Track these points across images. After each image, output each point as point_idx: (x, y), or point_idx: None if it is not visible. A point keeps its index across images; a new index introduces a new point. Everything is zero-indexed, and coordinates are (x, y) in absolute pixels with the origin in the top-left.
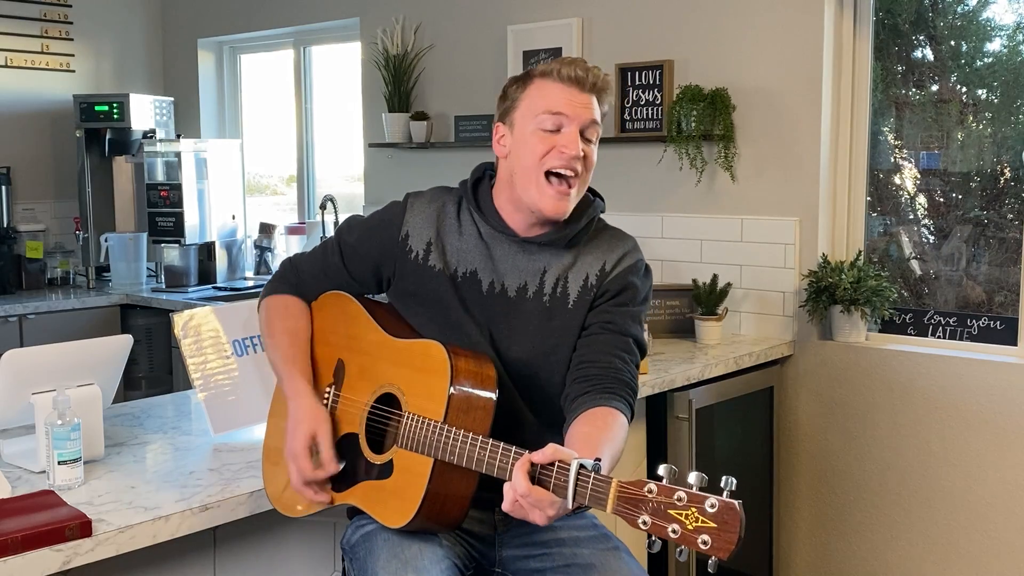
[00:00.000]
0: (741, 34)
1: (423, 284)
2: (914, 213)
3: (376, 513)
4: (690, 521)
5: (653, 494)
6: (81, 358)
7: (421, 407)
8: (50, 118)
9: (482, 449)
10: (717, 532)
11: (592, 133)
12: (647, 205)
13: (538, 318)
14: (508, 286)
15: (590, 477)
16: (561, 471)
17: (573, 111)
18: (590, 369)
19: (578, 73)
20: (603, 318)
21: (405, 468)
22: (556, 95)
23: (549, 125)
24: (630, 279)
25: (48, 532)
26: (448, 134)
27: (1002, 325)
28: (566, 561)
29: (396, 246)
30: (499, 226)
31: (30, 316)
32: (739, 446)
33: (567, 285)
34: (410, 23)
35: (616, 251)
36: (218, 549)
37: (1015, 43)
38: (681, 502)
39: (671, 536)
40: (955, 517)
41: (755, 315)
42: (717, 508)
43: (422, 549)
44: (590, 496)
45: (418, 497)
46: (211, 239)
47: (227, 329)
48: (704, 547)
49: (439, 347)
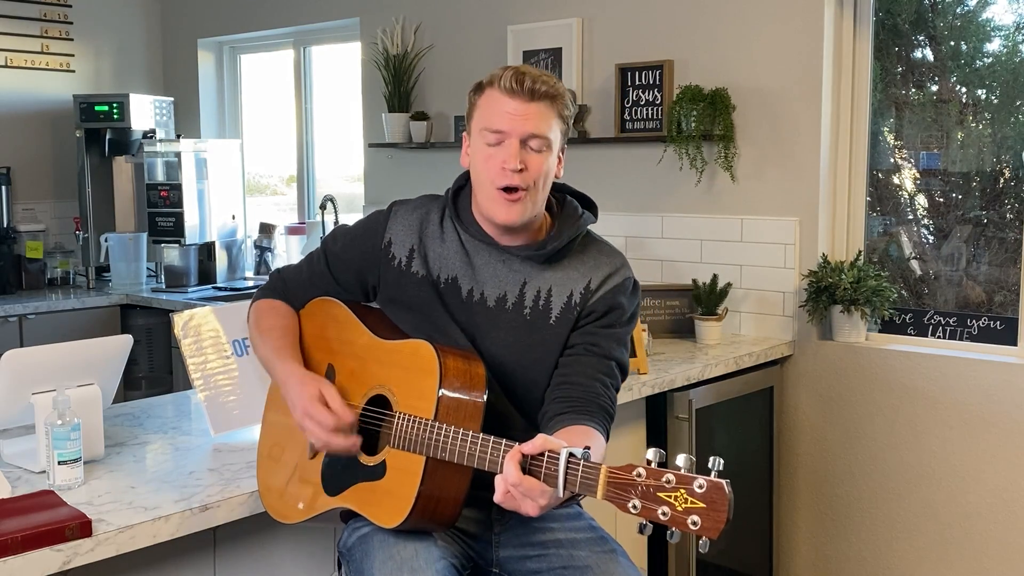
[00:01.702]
0: (741, 34)
1: (406, 290)
2: (914, 213)
3: (370, 514)
4: (679, 503)
5: (642, 478)
6: (81, 358)
7: (412, 406)
8: (50, 118)
9: (472, 444)
10: (706, 512)
11: (537, 143)
12: (647, 205)
13: (519, 330)
14: (487, 295)
15: (579, 464)
16: (551, 460)
17: (511, 125)
18: (571, 391)
19: (515, 85)
20: (588, 339)
21: (398, 468)
22: (498, 108)
23: (492, 140)
24: (618, 299)
25: (48, 532)
26: (448, 134)
27: (1002, 325)
28: (563, 563)
29: (379, 253)
30: (478, 234)
31: (30, 316)
32: (739, 446)
33: (550, 300)
34: (410, 23)
35: (602, 269)
36: (218, 549)
37: (1015, 43)
38: (670, 484)
39: (661, 518)
40: (955, 517)
41: (755, 315)
42: (705, 488)
43: (418, 549)
44: (580, 483)
45: (411, 496)
46: (211, 239)
47: (227, 329)
48: (694, 527)
49: (428, 346)
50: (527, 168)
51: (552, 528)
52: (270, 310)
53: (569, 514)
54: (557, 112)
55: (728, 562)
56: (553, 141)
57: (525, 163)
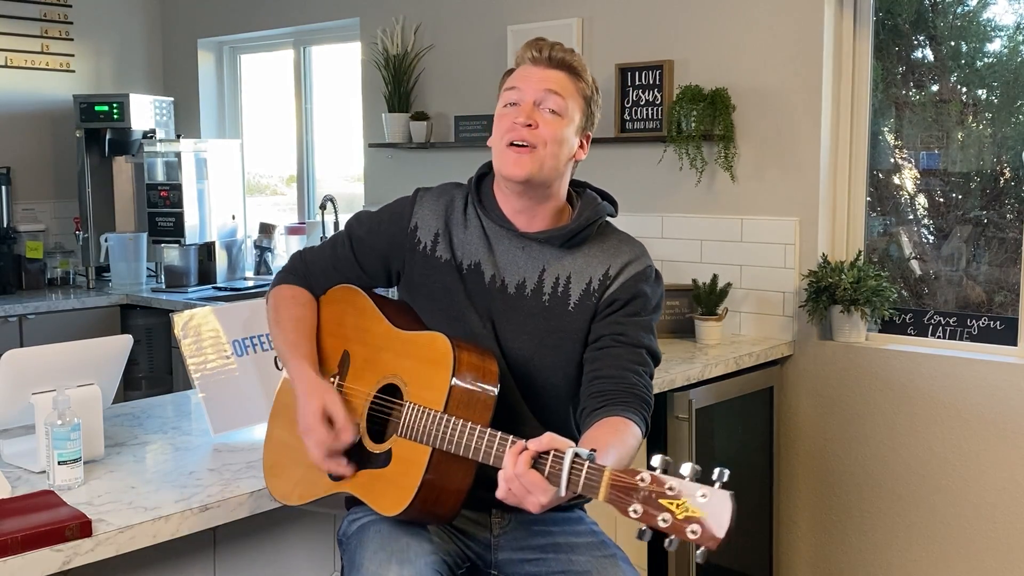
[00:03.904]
0: (741, 34)
1: (430, 275)
2: (914, 213)
3: (372, 501)
4: (680, 511)
5: (645, 483)
6: (81, 358)
7: (422, 397)
8: (50, 118)
9: (479, 438)
10: (707, 522)
11: (552, 103)
12: (647, 205)
13: (537, 317)
14: (508, 282)
15: (584, 465)
16: (556, 459)
17: (526, 84)
18: (605, 384)
19: (535, 52)
20: (615, 330)
21: (403, 457)
22: (517, 74)
23: (511, 98)
24: (640, 287)
25: (48, 532)
26: (448, 134)
27: (1002, 325)
28: (563, 567)
29: (405, 238)
30: (500, 221)
31: (30, 316)
32: (739, 446)
33: (568, 287)
34: (410, 23)
35: (621, 256)
36: (218, 549)
37: (1015, 43)
38: (672, 491)
39: (660, 525)
40: (955, 517)
41: (755, 315)
42: (708, 499)
43: (410, 543)
44: (583, 484)
45: (414, 486)
46: (211, 239)
47: (227, 329)
48: (693, 536)
49: (443, 339)
50: (537, 126)
51: (552, 532)
52: (290, 299)
53: (569, 518)
54: (577, 89)
55: (728, 562)
56: (570, 111)
57: (536, 121)
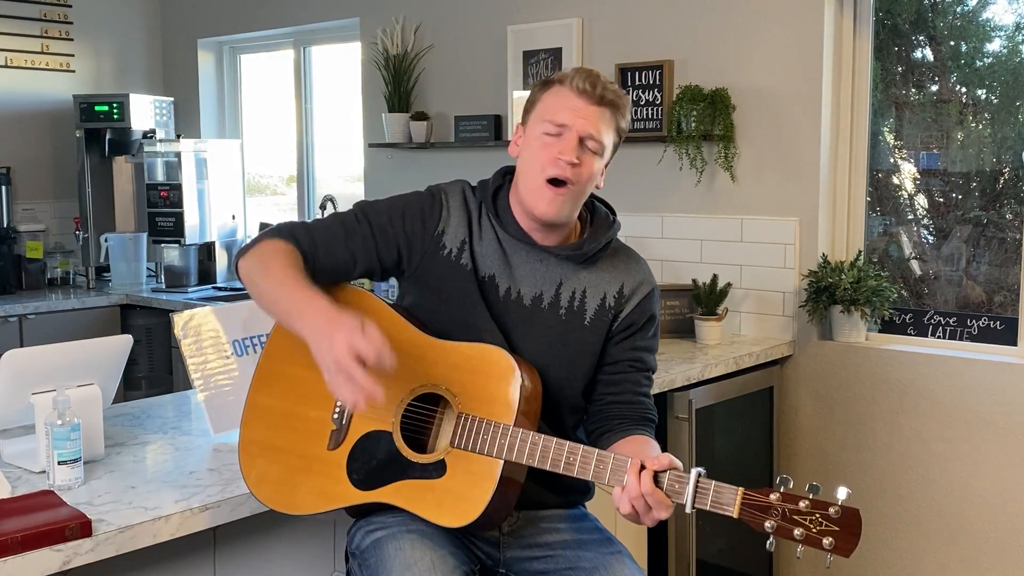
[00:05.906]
0: (741, 34)
1: (450, 281)
2: (914, 213)
3: (426, 512)
4: (814, 525)
5: (779, 501)
6: (81, 358)
7: (483, 410)
8: (50, 118)
9: (584, 457)
10: (841, 534)
11: (593, 145)
12: (647, 205)
13: (553, 330)
14: (524, 294)
15: (711, 484)
16: (677, 478)
17: (574, 120)
18: (624, 409)
19: (587, 86)
20: (633, 356)
21: (466, 469)
22: (564, 103)
23: (552, 130)
24: (652, 309)
25: (48, 532)
26: (448, 134)
27: (1002, 325)
28: (569, 564)
29: (428, 239)
30: (517, 233)
31: (30, 316)
32: (739, 446)
33: (584, 301)
34: (410, 23)
35: (634, 275)
36: (218, 549)
37: (1015, 43)
38: (806, 507)
39: (796, 538)
40: (955, 517)
41: (755, 315)
42: (841, 514)
43: (435, 561)
44: (711, 502)
45: (485, 499)
46: (211, 239)
47: (227, 329)
48: (828, 547)
49: (502, 352)
50: (580, 165)
51: (559, 529)
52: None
53: (575, 515)
54: (616, 124)
55: (728, 562)
56: (606, 148)
57: (580, 159)
